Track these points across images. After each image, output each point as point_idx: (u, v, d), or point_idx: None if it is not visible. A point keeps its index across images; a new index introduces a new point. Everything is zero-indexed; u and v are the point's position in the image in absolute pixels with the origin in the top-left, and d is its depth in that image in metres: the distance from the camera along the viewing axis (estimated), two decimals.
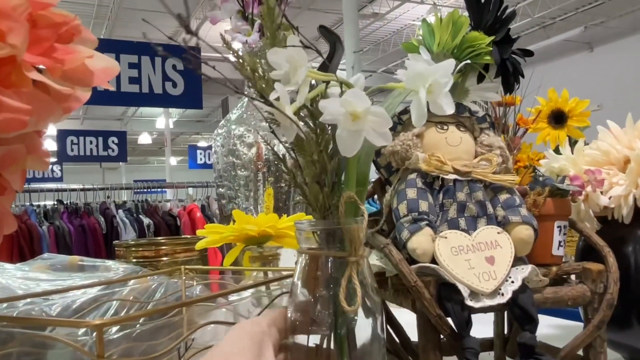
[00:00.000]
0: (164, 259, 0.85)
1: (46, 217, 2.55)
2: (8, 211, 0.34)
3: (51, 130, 8.48)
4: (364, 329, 0.40)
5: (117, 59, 3.92)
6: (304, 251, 0.38)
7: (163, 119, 9.29)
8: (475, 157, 0.51)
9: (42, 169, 0.36)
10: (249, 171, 0.88)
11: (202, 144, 10.89)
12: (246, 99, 0.93)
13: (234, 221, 0.60)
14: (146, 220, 2.64)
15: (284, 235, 0.61)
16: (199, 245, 0.62)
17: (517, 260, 0.47)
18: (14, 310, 0.51)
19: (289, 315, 0.40)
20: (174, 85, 4.32)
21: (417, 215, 0.46)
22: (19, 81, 0.29)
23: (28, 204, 2.56)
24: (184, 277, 0.59)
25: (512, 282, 0.45)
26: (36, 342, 0.45)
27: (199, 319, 0.54)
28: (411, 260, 0.46)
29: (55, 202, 2.62)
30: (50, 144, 9.25)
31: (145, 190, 2.96)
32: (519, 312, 0.44)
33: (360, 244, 0.37)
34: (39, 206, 2.57)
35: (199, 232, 0.63)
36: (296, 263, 0.40)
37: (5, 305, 0.54)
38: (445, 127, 0.51)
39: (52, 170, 8.79)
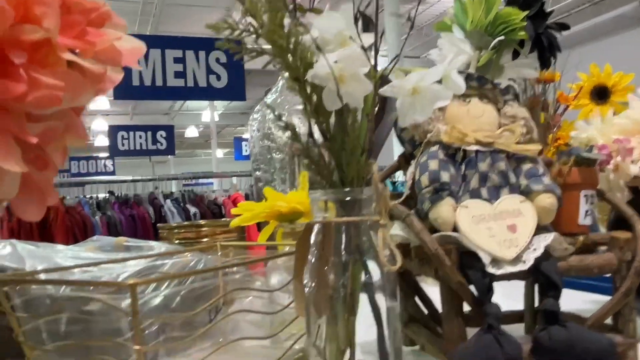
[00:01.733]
0: (204, 240, 0.88)
1: (99, 207, 2.67)
2: (51, 184, 0.37)
3: (103, 126, 8.80)
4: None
5: (163, 54, 4.03)
6: (333, 220, 0.40)
7: (208, 112, 9.48)
8: (499, 128, 0.52)
9: (81, 146, 0.39)
10: (284, 154, 0.91)
11: (247, 135, 11.04)
12: (281, 83, 0.95)
13: (266, 199, 0.63)
14: (192, 209, 2.73)
15: None
16: (234, 223, 0.65)
17: (541, 229, 0.47)
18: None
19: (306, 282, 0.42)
20: (218, 78, 4.39)
21: (438, 185, 0.47)
22: (54, 62, 0.32)
23: (82, 195, 2.69)
24: (219, 253, 0.62)
25: (535, 249, 0.45)
26: (82, 311, 0.48)
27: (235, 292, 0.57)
28: (433, 231, 0.47)
29: (107, 194, 2.74)
30: (102, 140, 9.62)
31: (192, 182, 3.04)
32: (542, 279, 0.45)
33: (388, 208, 0.39)
34: (91, 197, 2.70)
35: (233, 210, 0.66)
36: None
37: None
38: (468, 100, 0.52)
39: (105, 165, 9.12)
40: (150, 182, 2.83)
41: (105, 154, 9.17)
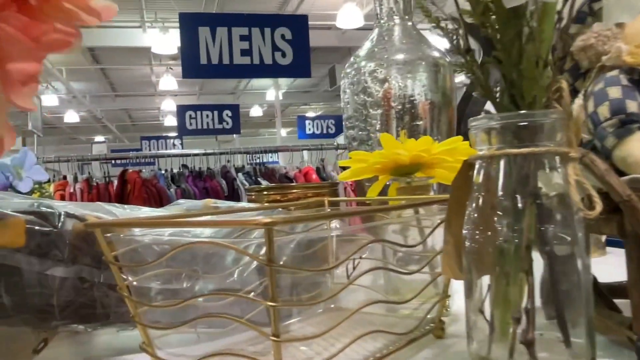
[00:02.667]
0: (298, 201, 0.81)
1: (173, 180, 2.70)
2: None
3: (172, 106, 9.01)
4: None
5: (229, 32, 4.04)
6: (509, 152, 0.31)
7: (272, 91, 9.49)
8: None
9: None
10: (382, 109, 0.82)
11: (310, 114, 11.02)
12: (376, 32, 0.86)
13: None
14: (264, 183, 2.70)
15: (438, 163, 0.54)
16: (342, 176, 0.57)
17: None
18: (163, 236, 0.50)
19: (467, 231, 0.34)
20: (283, 55, 4.36)
21: (624, 117, 0.37)
22: (57, 11, 0.27)
23: (157, 169, 2.73)
24: (328, 209, 0.55)
25: None
26: (196, 262, 0.42)
27: (349, 247, 0.49)
28: (618, 173, 0.37)
29: (181, 167, 2.76)
30: (171, 120, 9.86)
31: (258, 159, 3.01)
32: None
33: (580, 136, 0.29)
34: (166, 170, 2.73)
35: (340, 162, 0.58)
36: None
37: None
38: None
39: (174, 144, 9.36)
40: (218, 159, 2.83)
41: (174, 134, 9.41)
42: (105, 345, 0.47)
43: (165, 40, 6.14)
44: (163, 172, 2.70)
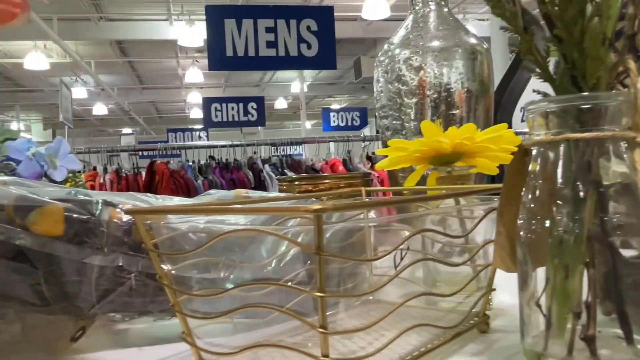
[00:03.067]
0: (329, 191, 0.80)
1: (200, 172, 2.72)
2: None
3: (197, 99, 9.09)
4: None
5: (255, 24, 4.04)
6: (570, 136, 0.29)
7: (297, 83, 9.49)
8: None
9: None
10: (417, 98, 0.80)
11: (335, 106, 10.99)
12: (410, 18, 0.84)
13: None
14: (291, 174, 2.70)
15: (480, 152, 0.52)
16: (380, 165, 0.56)
17: None
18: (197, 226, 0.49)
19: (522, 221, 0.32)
20: (309, 46, 4.35)
21: None
22: None
23: (185, 160, 2.75)
24: (366, 199, 0.54)
25: None
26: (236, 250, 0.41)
27: (386, 237, 0.48)
28: None
29: (208, 158, 2.78)
30: (197, 112, 9.95)
31: (284, 151, 3.02)
32: None
33: None
34: (194, 162, 2.75)
35: (378, 151, 0.56)
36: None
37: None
38: None
39: (199, 136, 9.43)
40: (244, 151, 2.84)
41: (200, 126, 9.49)
42: (142, 334, 0.47)
43: (192, 33, 6.19)
44: (190, 163, 2.73)
